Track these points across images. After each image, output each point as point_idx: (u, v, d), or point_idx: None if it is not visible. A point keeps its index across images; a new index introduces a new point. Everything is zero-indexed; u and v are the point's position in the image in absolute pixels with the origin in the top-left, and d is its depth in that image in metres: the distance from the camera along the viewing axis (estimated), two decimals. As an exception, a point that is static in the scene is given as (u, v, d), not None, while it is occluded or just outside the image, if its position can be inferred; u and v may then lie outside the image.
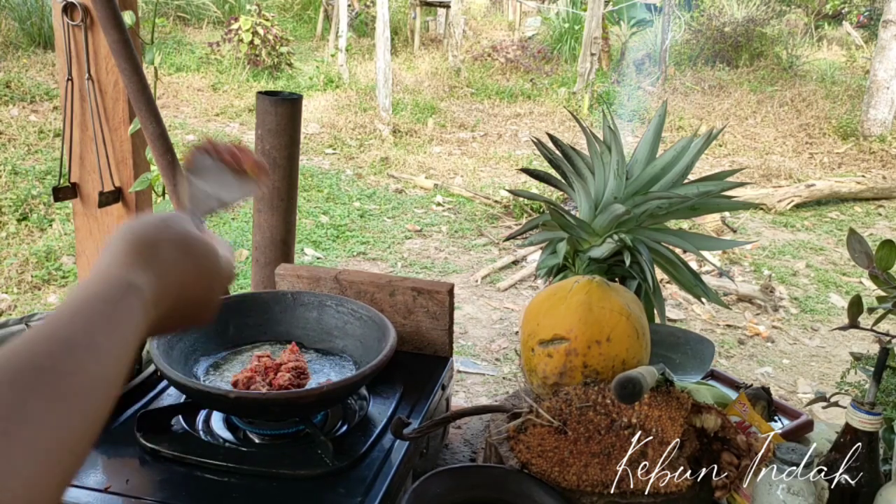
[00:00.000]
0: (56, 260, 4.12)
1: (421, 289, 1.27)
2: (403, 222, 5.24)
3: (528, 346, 1.14)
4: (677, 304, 4.18)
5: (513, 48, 10.38)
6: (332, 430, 1.06)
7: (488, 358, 3.53)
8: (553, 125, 8.03)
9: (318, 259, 4.54)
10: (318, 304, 1.24)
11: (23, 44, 7.76)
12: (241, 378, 1.03)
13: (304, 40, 10.63)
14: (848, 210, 6.05)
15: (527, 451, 1.00)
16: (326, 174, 6.08)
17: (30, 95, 6.36)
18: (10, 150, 5.40)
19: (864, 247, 1.09)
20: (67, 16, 1.90)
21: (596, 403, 1.02)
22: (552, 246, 1.38)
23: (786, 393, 3.38)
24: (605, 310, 1.09)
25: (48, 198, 4.63)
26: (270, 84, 8.34)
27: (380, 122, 7.38)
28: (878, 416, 0.93)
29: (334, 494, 0.91)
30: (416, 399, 1.15)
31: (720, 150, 7.46)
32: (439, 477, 0.97)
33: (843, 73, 10.19)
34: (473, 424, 1.38)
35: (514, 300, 4.17)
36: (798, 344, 3.88)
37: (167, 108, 7.16)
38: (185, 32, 9.81)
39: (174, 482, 0.93)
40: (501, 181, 6.20)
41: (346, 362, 1.18)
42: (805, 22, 12.50)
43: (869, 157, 7.32)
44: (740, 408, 1.10)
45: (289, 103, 1.56)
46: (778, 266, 4.84)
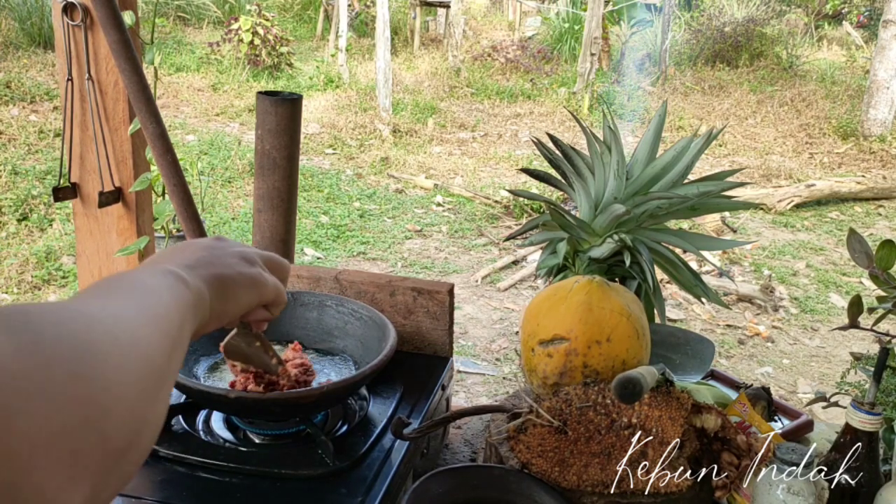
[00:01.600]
0: (56, 260, 4.12)
1: (421, 289, 1.27)
2: (403, 222, 5.24)
3: (528, 346, 1.14)
4: (677, 304, 4.18)
5: (513, 48, 10.38)
6: (333, 430, 1.06)
7: (488, 358, 3.53)
8: (553, 125, 8.03)
9: (318, 259, 4.54)
10: (318, 304, 1.24)
11: (23, 44, 7.76)
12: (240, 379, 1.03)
13: (304, 40, 10.63)
14: (848, 210, 6.05)
15: (527, 451, 1.00)
16: (326, 174, 6.08)
17: (30, 95, 6.36)
18: (10, 150, 5.40)
19: (864, 247, 1.09)
20: (67, 16, 1.90)
21: (596, 403, 1.02)
22: (552, 246, 1.38)
23: (786, 393, 3.38)
24: (605, 310, 1.09)
25: (48, 198, 4.63)
26: (270, 84, 8.34)
27: (380, 122, 7.38)
28: (878, 416, 0.93)
29: (335, 494, 0.92)
30: (416, 399, 1.15)
31: (720, 150, 7.46)
32: (439, 477, 0.97)
33: (843, 73, 10.19)
34: (473, 424, 1.38)
35: (514, 300, 4.17)
36: (798, 344, 3.88)
37: (167, 108, 7.16)
38: (185, 32, 9.81)
39: (174, 482, 0.93)
40: (501, 181, 6.20)
41: (346, 362, 1.18)
42: (805, 22, 12.50)
43: (869, 157, 7.32)
44: (740, 408, 1.10)
45: (289, 103, 1.56)
46: (778, 266, 4.84)
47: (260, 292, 0.67)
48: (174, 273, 0.56)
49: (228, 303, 0.64)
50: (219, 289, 0.62)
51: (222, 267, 0.64)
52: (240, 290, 0.65)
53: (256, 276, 0.67)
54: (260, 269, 0.68)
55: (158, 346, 0.45)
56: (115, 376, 0.38)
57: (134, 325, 0.44)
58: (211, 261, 0.63)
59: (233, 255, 0.67)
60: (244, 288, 0.65)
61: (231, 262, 0.65)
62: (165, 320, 0.49)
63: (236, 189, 5.55)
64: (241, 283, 0.65)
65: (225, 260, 0.65)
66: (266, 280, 0.68)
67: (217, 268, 0.63)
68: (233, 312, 0.66)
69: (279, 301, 0.71)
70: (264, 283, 0.68)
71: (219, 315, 0.62)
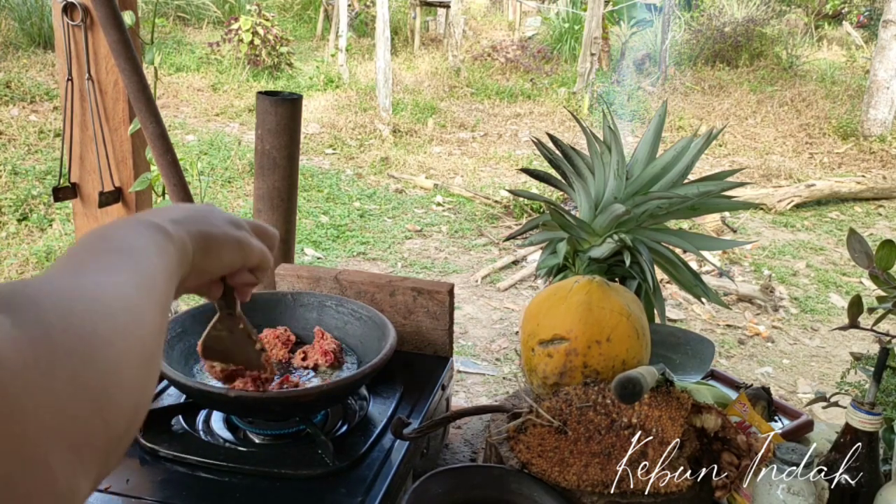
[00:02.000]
0: (56, 260, 4.13)
1: (421, 289, 1.27)
2: (403, 222, 5.24)
3: (528, 346, 1.14)
4: (677, 304, 4.18)
5: (513, 48, 10.38)
6: (333, 430, 1.06)
7: (488, 358, 3.53)
8: (553, 125, 8.03)
9: (318, 259, 4.54)
10: (318, 304, 1.24)
11: (23, 44, 7.76)
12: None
13: (304, 40, 10.62)
14: (848, 210, 6.05)
15: (527, 451, 1.00)
16: (326, 174, 6.08)
17: (30, 95, 6.36)
18: (10, 150, 5.40)
19: (864, 247, 1.09)
20: (67, 16, 1.90)
21: (596, 403, 1.02)
22: (552, 246, 1.38)
23: (786, 393, 3.38)
24: (605, 310, 1.09)
25: (48, 198, 4.63)
26: (270, 84, 8.34)
27: (380, 122, 7.38)
28: (878, 416, 0.93)
29: (335, 494, 0.92)
30: (416, 399, 1.15)
31: (720, 150, 7.46)
32: (439, 477, 0.97)
33: (843, 73, 10.18)
34: (473, 424, 1.38)
35: (514, 300, 4.17)
36: (798, 344, 3.88)
37: (167, 108, 7.16)
38: (185, 32, 9.81)
39: (174, 482, 0.93)
40: (501, 181, 6.20)
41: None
42: (805, 22, 12.50)
43: (869, 157, 7.32)
44: (740, 408, 1.10)
45: (289, 103, 1.56)
46: (778, 266, 4.84)
47: (245, 254, 0.68)
48: (158, 227, 0.56)
49: (211, 259, 0.64)
50: (202, 244, 0.62)
51: (208, 225, 0.64)
52: (223, 249, 0.65)
53: (242, 238, 0.67)
54: (246, 233, 0.69)
55: (153, 322, 0.46)
56: (119, 363, 0.39)
57: (133, 303, 0.44)
58: (197, 218, 0.63)
59: (221, 216, 0.67)
60: (228, 246, 0.66)
61: (217, 222, 0.66)
62: (158, 291, 0.49)
63: (236, 189, 5.56)
64: (225, 241, 0.65)
65: (211, 219, 0.65)
66: (251, 243, 0.68)
67: (202, 224, 0.63)
68: (215, 269, 0.66)
69: (264, 265, 0.71)
70: (249, 245, 0.68)
71: (200, 271, 0.62)
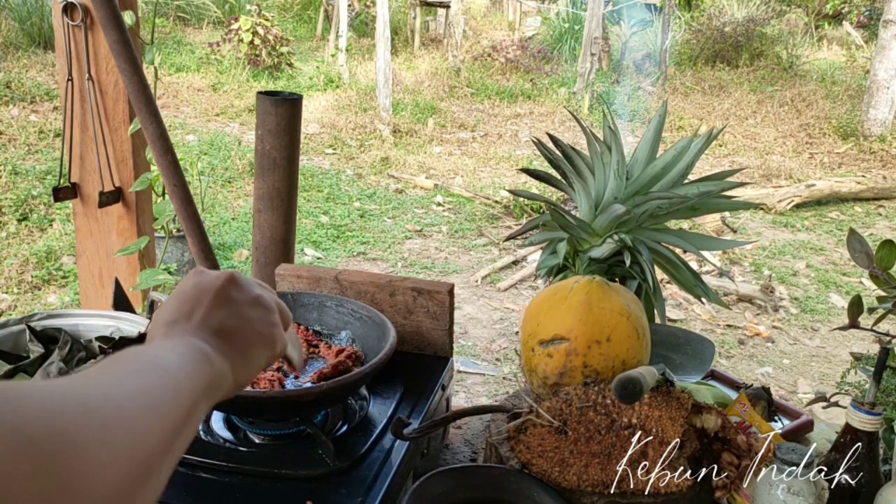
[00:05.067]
0: (56, 260, 4.12)
1: (421, 289, 1.27)
2: (403, 222, 5.24)
3: (528, 346, 1.14)
4: (677, 304, 4.18)
5: (513, 48, 10.37)
6: (333, 430, 1.06)
7: (488, 358, 3.53)
8: (553, 125, 8.03)
9: (318, 259, 4.54)
10: (318, 304, 1.24)
11: (23, 44, 7.76)
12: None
13: (304, 40, 10.62)
14: (848, 210, 6.05)
15: (527, 451, 1.00)
16: (326, 174, 6.08)
17: (30, 95, 6.36)
18: (10, 150, 5.40)
19: (865, 247, 1.09)
20: (67, 16, 1.90)
21: (596, 403, 1.02)
22: (552, 246, 1.38)
23: (786, 393, 3.38)
24: (605, 310, 1.09)
25: (48, 198, 4.63)
26: (270, 84, 8.34)
27: (380, 122, 7.38)
28: (878, 416, 0.93)
29: (335, 494, 0.91)
30: (416, 399, 1.15)
31: (720, 150, 7.46)
32: (440, 477, 0.97)
33: (843, 73, 10.18)
34: (474, 424, 1.38)
35: (514, 300, 4.17)
36: (798, 344, 3.88)
37: (167, 108, 7.16)
38: (185, 32, 9.80)
39: (174, 482, 0.93)
40: (501, 181, 6.20)
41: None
42: (805, 22, 12.51)
43: (869, 157, 7.32)
44: (740, 408, 1.10)
45: (289, 103, 1.56)
46: (778, 266, 4.84)
47: (273, 351, 0.69)
48: (200, 350, 0.58)
49: (251, 370, 0.65)
50: (241, 360, 0.63)
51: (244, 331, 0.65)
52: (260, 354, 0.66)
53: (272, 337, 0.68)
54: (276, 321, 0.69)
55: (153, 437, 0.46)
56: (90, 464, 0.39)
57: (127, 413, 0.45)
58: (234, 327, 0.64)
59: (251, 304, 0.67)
60: (262, 349, 0.67)
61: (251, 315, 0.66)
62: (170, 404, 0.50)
63: (236, 189, 5.55)
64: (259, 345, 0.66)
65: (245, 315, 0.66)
66: (277, 337, 0.69)
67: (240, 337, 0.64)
68: (252, 377, 0.67)
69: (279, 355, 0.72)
70: (276, 341, 0.69)
71: (240, 385, 0.64)
